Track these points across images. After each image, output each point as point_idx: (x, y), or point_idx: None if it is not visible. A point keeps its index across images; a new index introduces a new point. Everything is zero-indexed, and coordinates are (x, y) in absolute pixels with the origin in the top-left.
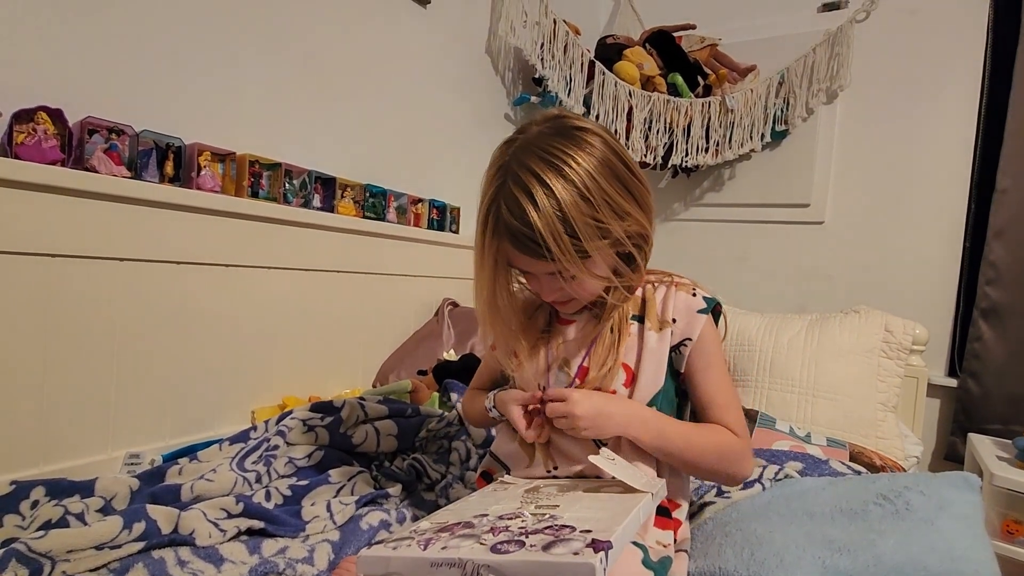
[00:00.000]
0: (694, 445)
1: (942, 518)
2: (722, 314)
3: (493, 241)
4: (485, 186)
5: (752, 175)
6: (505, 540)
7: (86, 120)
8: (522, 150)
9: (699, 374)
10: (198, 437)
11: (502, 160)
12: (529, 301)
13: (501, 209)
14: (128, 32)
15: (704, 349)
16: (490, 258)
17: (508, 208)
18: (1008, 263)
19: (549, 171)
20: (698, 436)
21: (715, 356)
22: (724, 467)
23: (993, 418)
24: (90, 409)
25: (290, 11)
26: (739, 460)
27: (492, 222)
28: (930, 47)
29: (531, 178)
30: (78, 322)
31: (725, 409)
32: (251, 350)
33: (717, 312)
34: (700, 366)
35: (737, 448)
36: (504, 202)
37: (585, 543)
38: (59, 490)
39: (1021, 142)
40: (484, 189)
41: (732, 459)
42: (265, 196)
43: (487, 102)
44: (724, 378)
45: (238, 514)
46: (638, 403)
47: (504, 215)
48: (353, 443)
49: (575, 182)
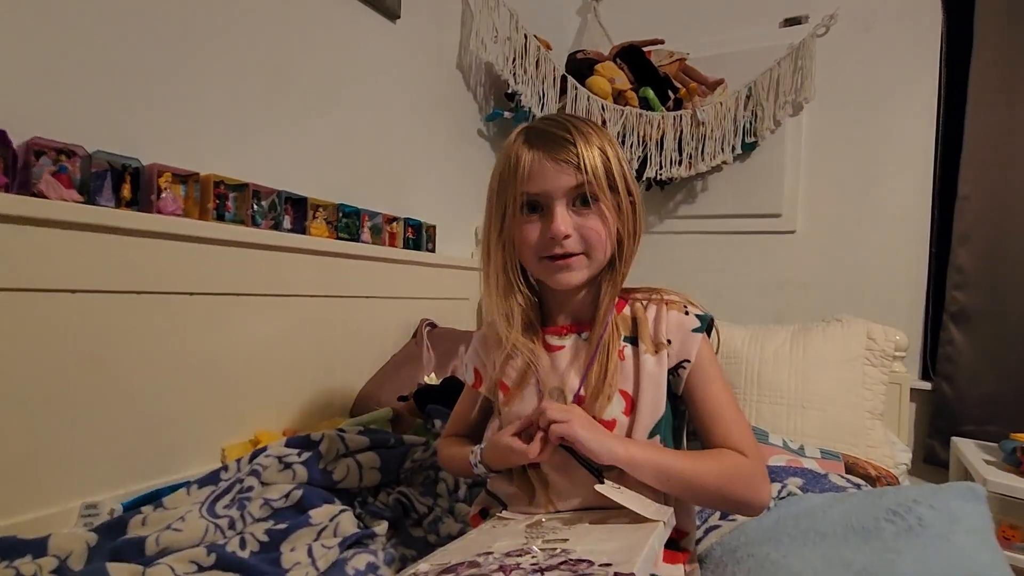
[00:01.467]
0: (700, 475)
1: (956, 533)
2: (715, 328)
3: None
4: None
5: (724, 187)
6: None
7: (32, 141)
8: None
9: (700, 394)
10: (163, 481)
11: (524, 125)
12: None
13: (532, 132)
14: (77, 45)
15: (703, 369)
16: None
17: (543, 128)
18: (974, 267)
19: (583, 121)
20: (703, 465)
21: (714, 373)
22: (736, 494)
23: (968, 420)
24: (40, 455)
25: (256, 24)
26: (751, 483)
27: (520, 143)
28: (888, 59)
29: (571, 118)
30: (24, 359)
31: (732, 424)
32: (220, 383)
33: (710, 327)
34: (701, 383)
35: (747, 470)
36: (538, 127)
37: None
38: (7, 549)
39: (979, 150)
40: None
41: (743, 483)
42: (232, 219)
43: (460, 118)
44: (726, 393)
45: (210, 566)
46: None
47: (538, 128)
48: (334, 479)
49: (604, 132)
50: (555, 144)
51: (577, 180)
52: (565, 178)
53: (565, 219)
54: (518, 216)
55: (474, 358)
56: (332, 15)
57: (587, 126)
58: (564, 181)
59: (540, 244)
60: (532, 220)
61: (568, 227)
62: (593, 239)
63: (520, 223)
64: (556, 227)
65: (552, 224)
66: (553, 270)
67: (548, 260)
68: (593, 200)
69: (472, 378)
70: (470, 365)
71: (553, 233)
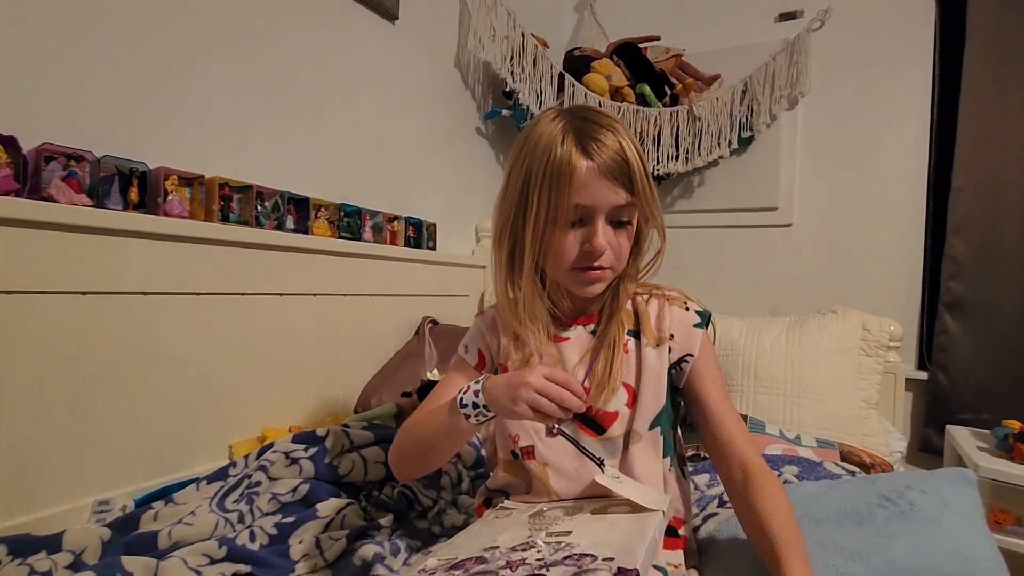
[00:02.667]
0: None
1: (947, 517)
2: (712, 323)
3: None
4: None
5: (721, 181)
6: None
7: (42, 147)
8: (573, 108)
9: (703, 391)
10: (173, 477)
11: (555, 115)
12: None
13: (584, 136)
14: (85, 52)
15: (706, 364)
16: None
17: (593, 133)
18: (968, 257)
19: (614, 120)
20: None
21: (715, 371)
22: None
23: (963, 408)
24: (53, 455)
25: (256, 29)
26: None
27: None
28: (882, 53)
29: (604, 118)
30: (38, 361)
31: (735, 427)
32: (226, 381)
33: (709, 322)
34: (703, 382)
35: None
36: (586, 130)
37: (611, 573)
38: (23, 547)
39: (972, 142)
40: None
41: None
42: (236, 220)
43: (458, 116)
44: (725, 394)
45: (221, 559)
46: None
47: (587, 134)
48: (340, 473)
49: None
50: (610, 158)
51: (626, 200)
52: (615, 196)
53: (606, 234)
54: (564, 229)
55: (479, 340)
56: (331, 18)
57: (622, 128)
58: (614, 199)
59: (577, 256)
60: (575, 235)
61: (607, 242)
62: (621, 255)
63: (564, 234)
64: (599, 243)
65: (594, 239)
66: (584, 281)
67: (580, 271)
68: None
69: (475, 359)
70: (473, 346)
71: (594, 248)
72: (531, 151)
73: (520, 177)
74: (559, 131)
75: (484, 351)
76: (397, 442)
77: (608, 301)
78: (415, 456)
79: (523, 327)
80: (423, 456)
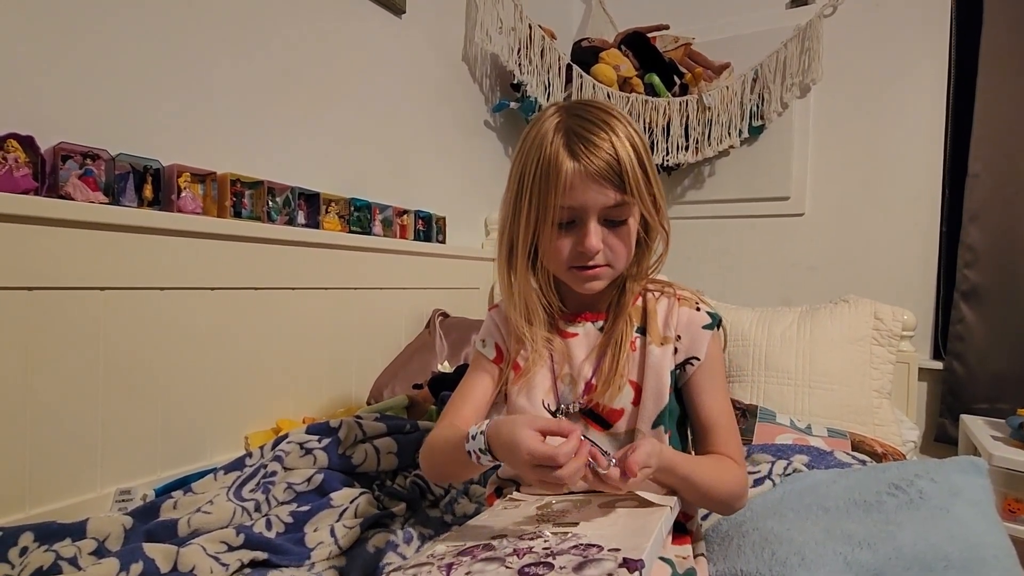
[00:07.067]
0: (719, 483)
1: (957, 505)
2: (722, 326)
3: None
4: (536, 135)
5: (732, 171)
6: (532, 563)
7: (59, 146)
8: (573, 105)
9: (703, 394)
10: (191, 468)
11: (554, 111)
12: None
13: (572, 135)
14: (99, 53)
15: (710, 367)
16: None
17: (583, 133)
18: (985, 246)
19: (612, 116)
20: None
21: (719, 376)
22: (733, 503)
23: (979, 398)
24: (76, 446)
25: (264, 25)
26: (744, 495)
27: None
28: (896, 38)
29: (602, 114)
30: (60, 355)
31: (728, 435)
32: (242, 374)
33: (719, 326)
34: (704, 386)
35: (744, 483)
36: (577, 129)
37: (617, 563)
38: (48, 534)
39: (989, 127)
40: (535, 137)
41: (740, 495)
42: (248, 215)
43: (466, 109)
44: (726, 400)
45: (239, 546)
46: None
47: (577, 132)
48: (353, 464)
49: (636, 130)
50: (598, 159)
51: (615, 200)
52: (603, 198)
53: (598, 234)
54: (553, 229)
55: (495, 333)
56: (339, 14)
57: (621, 124)
58: (603, 200)
59: (571, 256)
60: (567, 235)
61: (599, 242)
62: (619, 252)
63: (555, 236)
64: (591, 244)
65: (586, 240)
66: (582, 279)
67: (576, 270)
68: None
69: (493, 352)
70: (490, 340)
71: (586, 249)
72: (527, 150)
73: (516, 176)
74: (551, 131)
75: (500, 344)
76: (423, 455)
77: (615, 298)
78: (441, 472)
79: (520, 324)
80: (447, 476)
